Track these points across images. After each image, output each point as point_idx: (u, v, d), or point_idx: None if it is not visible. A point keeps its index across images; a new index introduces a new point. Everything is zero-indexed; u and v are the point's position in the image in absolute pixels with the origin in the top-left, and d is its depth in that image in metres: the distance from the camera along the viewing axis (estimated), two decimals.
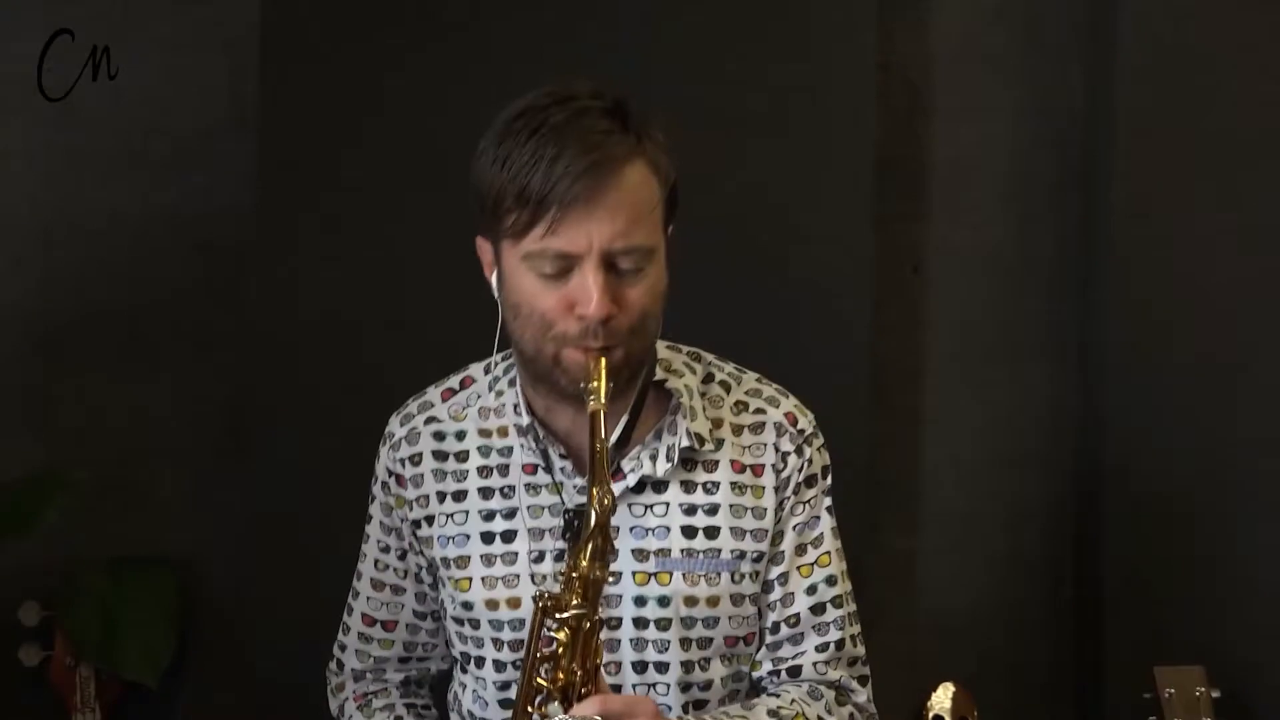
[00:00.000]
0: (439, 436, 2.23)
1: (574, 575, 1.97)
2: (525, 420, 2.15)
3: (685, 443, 2.15)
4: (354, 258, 3.27)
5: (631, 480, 2.15)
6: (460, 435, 2.22)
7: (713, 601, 2.16)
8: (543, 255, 2.01)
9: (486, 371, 2.27)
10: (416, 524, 2.23)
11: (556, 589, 2.03)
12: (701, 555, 2.15)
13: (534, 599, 2.02)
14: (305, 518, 3.20)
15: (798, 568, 2.23)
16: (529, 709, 2.01)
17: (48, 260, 3.37)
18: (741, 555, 2.18)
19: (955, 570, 3.52)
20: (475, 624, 2.19)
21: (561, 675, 1.98)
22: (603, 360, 2.03)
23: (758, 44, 3.31)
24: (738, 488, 2.19)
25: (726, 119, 3.29)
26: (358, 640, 2.35)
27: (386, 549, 2.29)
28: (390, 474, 2.25)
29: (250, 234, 3.29)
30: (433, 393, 2.28)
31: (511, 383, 2.20)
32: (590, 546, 1.96)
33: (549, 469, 2.16)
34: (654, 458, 2.16)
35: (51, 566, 3.28)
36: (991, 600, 3.51)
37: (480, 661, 2.21)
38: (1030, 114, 3.50)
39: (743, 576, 2.18)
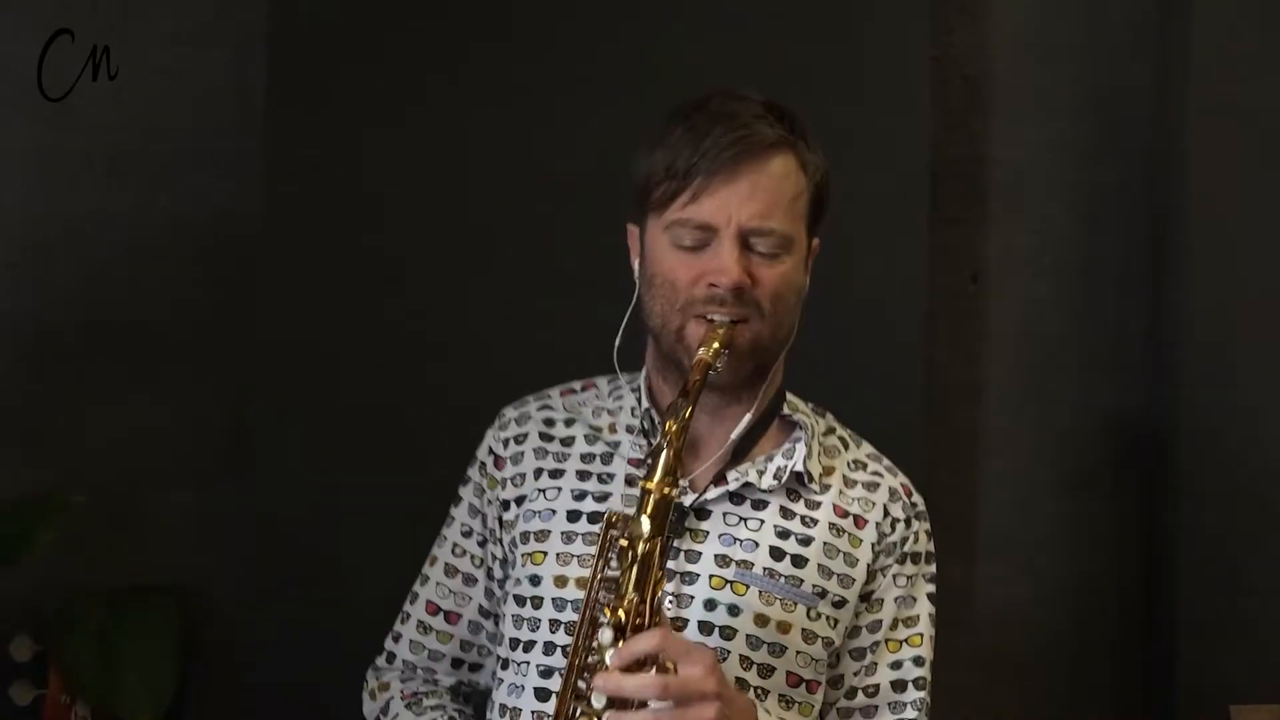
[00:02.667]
0: (549, 422, 2.31)
1: (646, 489, 2.02)
2: (644, 406, 2.22)
3: (799, 469, 2.22)
4: (367, 267, 3.24)
5: (733, 485, 2.20)
6: (569, 422, 2.30)
7: (783, 628, 2.17)
8: (684, 225, 2.13)
9: (609, 382, 2.35)
10: (505, 504, 2.28)
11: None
12: (784, 579, 2.18)
13: (605, 516, 2.11)
14: (316, 543, 3.18)
15: (887, 641, 2.27)
16: (586, 642, 2.06)
17: (42, 268, 3.34)
18: (823, 594, 2.19)
19: (1016, 601, 3.51)
20: (537, 602, 2.20)
21: (622, 605, 2.00)
22: (717, 335, 2.12)
23: (802, 34, 3.29)
24: (836, 530, 2.23)
25: None
26: (416, 630, 2.36)
27: (469, 532, 2.33)
28: (491, 453, 2.32)
29: (257, 242, 3.26)
30: (552, 391, 2.38)
31: (634, 390, 2.28)
32: (662, 461, 2.01)
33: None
34: (761, 473, 2.22)
35: (45, 597, 3.25)
36: (1055, 633, 3.51)
37: (529, 645, 2.20)
38: (1095, 111, 3.49)
39: (819, 615, 2.19)
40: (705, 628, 2.16)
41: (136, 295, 3.36)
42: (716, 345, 2.10)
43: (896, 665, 2.26)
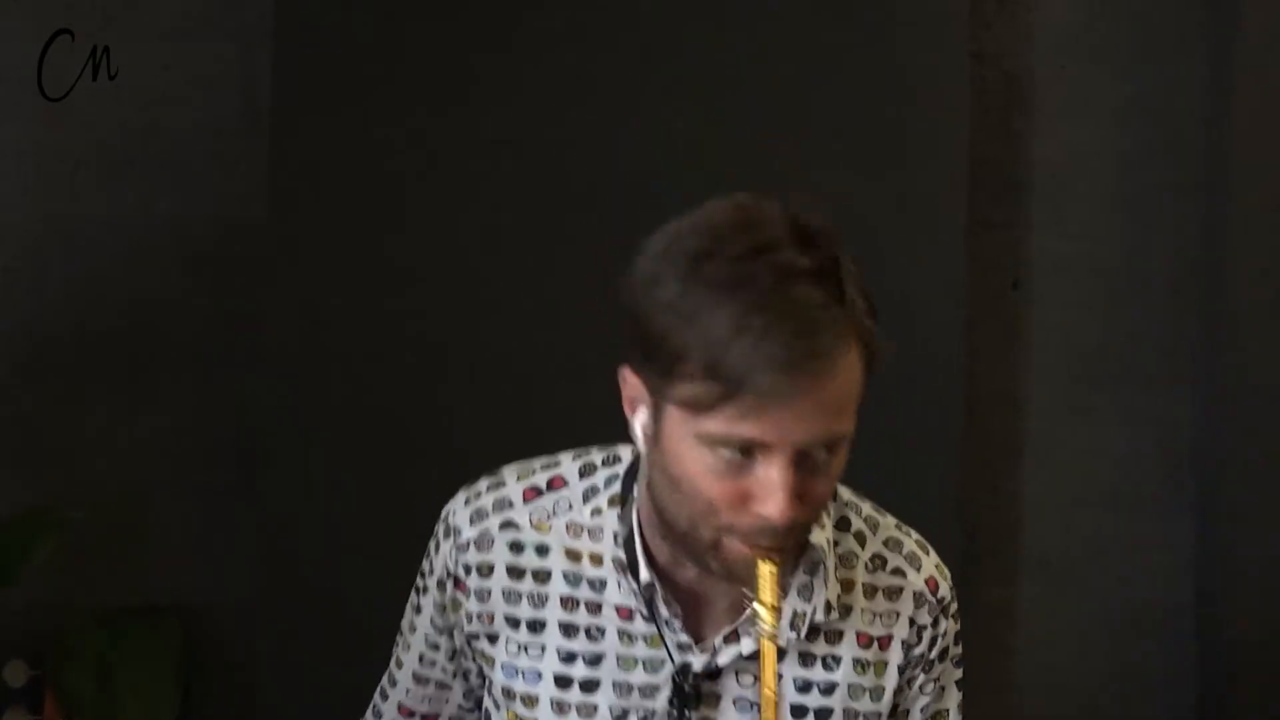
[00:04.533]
0: (516, 548, 2.07)
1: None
2: (646, 578, 1.99)
3: (820, 617, 2.02)
4: (375, 272, 3.23)
5: (747, 648, 2.00)
6: (542, 550, 2.06)
7: None
8: (726, 441, 1.80)
9: (582, 476, 2.09)
10: (475, 636, 2.09)
11: None
12: None
13: None
14: (322, 561, 3.18)
15: None
16: None
17: (39, 273, 3.36)
18: None
19: (1058, 623, 3.48)
20: None
21: None
22: (771, 570, 1.85)
23: (838, 30, 3.27)
24: (860, 666, 2.06)
25: (802, 116, 3.28)
26: None
27: (435, 646, 2.15)
28: (449, 575, 2.09)
29: (261, 246, 3.26)
30: (513, 486, 2.10)
31: (612, 502, 2.05)
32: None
33: (651, 618, 2.01)
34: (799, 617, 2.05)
35: (41, 619, 3.26)
36: (1099, 657, 3.48)
37: None
38: (1142, 111, 3.47)
39: None
40: None
41: (136, 302, 3.37)
42: (769, 606, 1.85)
43: None
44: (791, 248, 1.80)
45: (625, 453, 2.05)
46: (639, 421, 1.91)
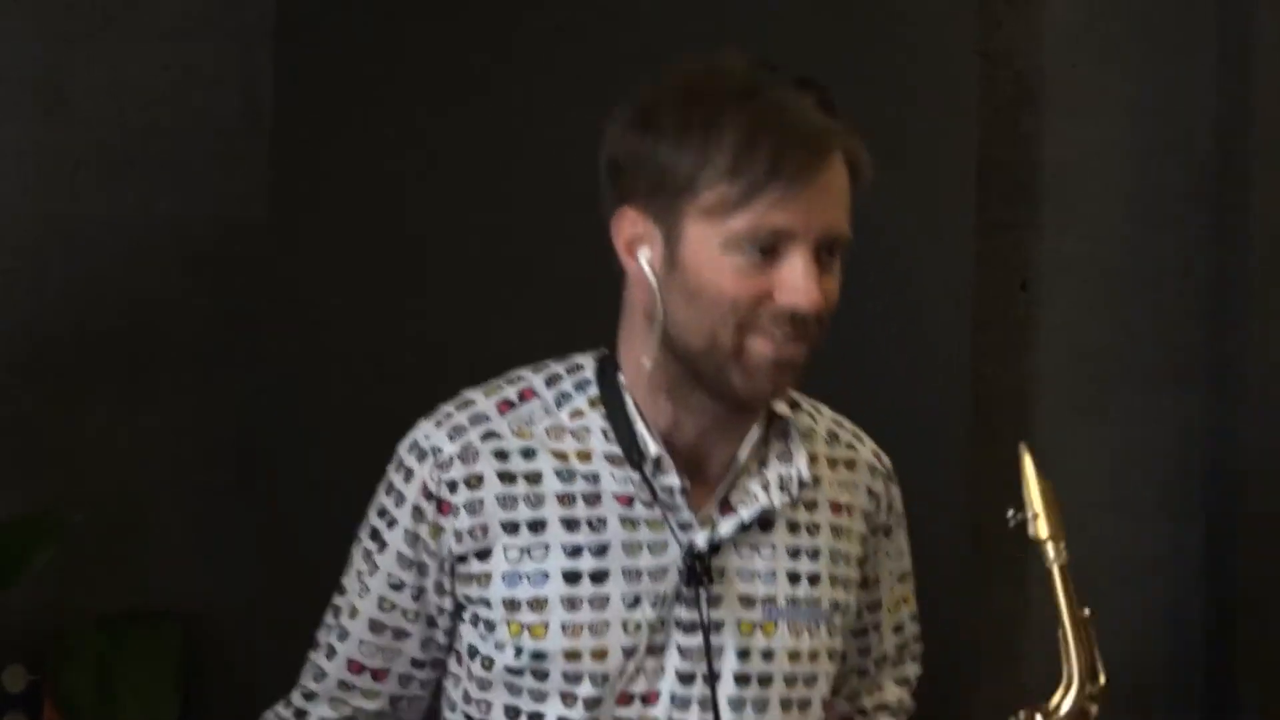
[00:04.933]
0: (501, 455, 2.11)
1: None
2: (654, 450, 2.07)
3: (805, 475, 2.13)
4: (380, 273, 3.21)
5: (748, 515, 2.09)
6: (528, 454, 2.11)
7: (814, 656, 2.11)
8: (754, 234, 1.96)
9: (549, 384, 2.18)
10: (461, 558, 2.10)
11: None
12: (804, 605, 2.12)
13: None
14: (325, 563, 2.97)
15: (888, 612, 2.28)
16: None
17: (36, 274, 3.31)
18: (836, 606, 2.15)
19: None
20: (541, 674, 2.07)
21: None
22: (1042, 487, 2.24)
23: (844, 28, 3.26)
24: (836, 532, 2.17)
25: None
26: (336, 688, 2.21)
27: (399, 585, 2.15)
28: (430, 497, 2.11)
29: (263, 246, 3.24)
30: (484, 402, 2.17)
31: (593, 403, 2.13)
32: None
33: (654, 500, 2.08)
34: (765, 488, 2.11)
35: (39, 623, 3.23)
36: (1112, 669, 3.30)
37: (536, 716, 2.08)
38: (1154, 110, 3.48)
39: (835, 630, 2.15)
40: (742, 680, 2.07)
41: (136, 303, 3.35)
42: (1043, 513, 2.17)
43: (898, 629, 2.30)
44: (781, 73, 2.01)
45: (584, 359, 2.17)
46: (644, 258, 2.04)
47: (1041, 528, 2.20)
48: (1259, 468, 3.34)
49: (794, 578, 2.12)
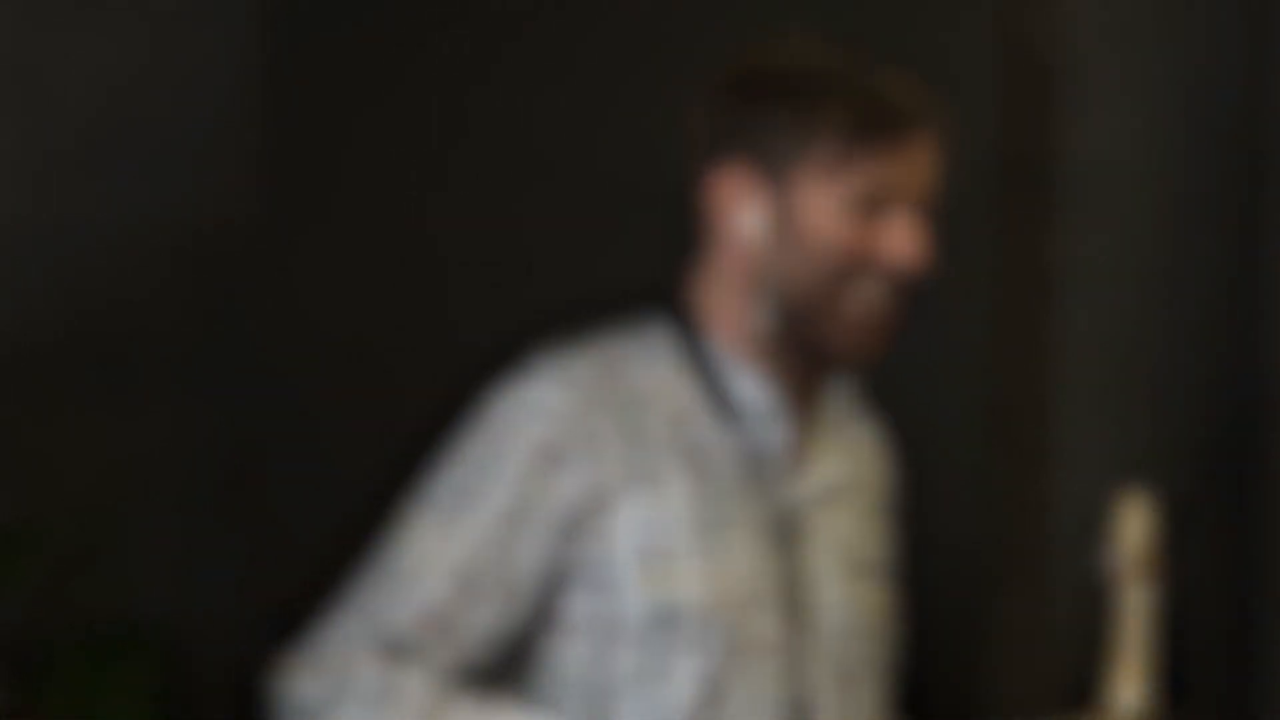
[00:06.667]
0: (613, 408, 2.13)
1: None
2: (761, 405, 2.14)
3: (869, 438, 2.26)
4: (374, 274, 3.26)
5: (834, 477, 2.19)
6: (639, 405, 2.14)
7: (892, 614, 2.22)
8: (868, 186, 2.07)
9: (632, 345, 2.20)
10: (585, 514, 2.09)
11: None
12: (879, 565, 2.22)
13: None
14: (315, 582, 2.95)
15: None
16: None
17: (16, 275, 3.36)
18: (889, 563, 2.24)
19: (1090, 638, 3.28)
20: (674, 627, 2.08)
21: None
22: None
23: (861, 18, 3.27)
24: (864, 461, 2.27)
25: None
26: (403, 637, 2.05)
27: (500, 541, 2.07)
28: (550, 448, 2.08)
29: (253, 246, 3.31)
30: (584, 360, 2.18)
31: (680, 364, 2.17)
32: None
33: (753, 455, 2.14)
34: (842, 449, 2.22)
35: (16, 646, 3.26)
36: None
37: (661, 675, 2.09)
38: (1184, 102, 3.46)
39: (891, 589, 2.24)
40: (842, 642, 2.15)
41: (119, 305, 3.39)
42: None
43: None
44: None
45: (647, 325, 2.19)
46: (745, 217, 2.11)
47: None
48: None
49: (871, 535, 2.21)
